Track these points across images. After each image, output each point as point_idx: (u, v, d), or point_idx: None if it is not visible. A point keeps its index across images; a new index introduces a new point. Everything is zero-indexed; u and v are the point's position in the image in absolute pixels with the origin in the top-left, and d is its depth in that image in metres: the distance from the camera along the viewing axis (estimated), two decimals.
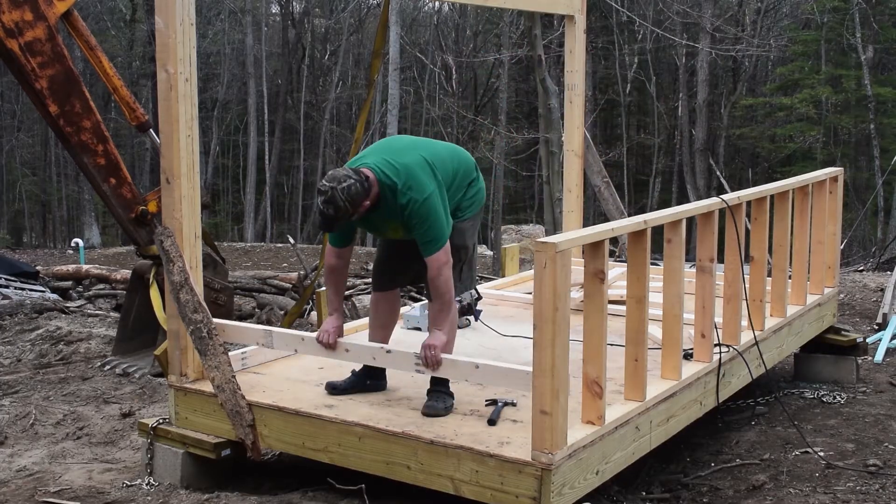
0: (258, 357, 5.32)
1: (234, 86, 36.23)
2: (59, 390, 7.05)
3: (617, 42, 31.38)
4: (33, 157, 34.57)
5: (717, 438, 5.63)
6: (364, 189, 4.23)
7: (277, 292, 11.02)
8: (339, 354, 4.69)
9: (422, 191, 4.28)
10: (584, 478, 4.09)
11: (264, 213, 33.08)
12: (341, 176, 4.19)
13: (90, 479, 5.19)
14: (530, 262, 12.60)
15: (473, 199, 4.73)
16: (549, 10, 7.68)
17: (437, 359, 4.32)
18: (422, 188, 4.28)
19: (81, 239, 18.89)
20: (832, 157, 26.66)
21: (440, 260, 4.35)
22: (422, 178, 4.31)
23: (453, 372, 4.39)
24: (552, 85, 14.28)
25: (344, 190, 4.16)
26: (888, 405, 6.13)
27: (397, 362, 4.56)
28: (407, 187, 4.28)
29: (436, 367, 4.33)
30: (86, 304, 10.80)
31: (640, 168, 34.61)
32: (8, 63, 6.65)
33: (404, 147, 4.53)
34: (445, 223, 4.37)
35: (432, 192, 4.31)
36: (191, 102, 4.76)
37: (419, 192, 4.28)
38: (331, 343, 4.62)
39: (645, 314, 4.44)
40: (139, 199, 7.19)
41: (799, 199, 6.18)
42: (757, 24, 29.53)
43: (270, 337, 4.91)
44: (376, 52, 6.65)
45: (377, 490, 4.41)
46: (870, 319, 8.80)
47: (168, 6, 4.65)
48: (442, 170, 4.47)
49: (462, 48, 33.03)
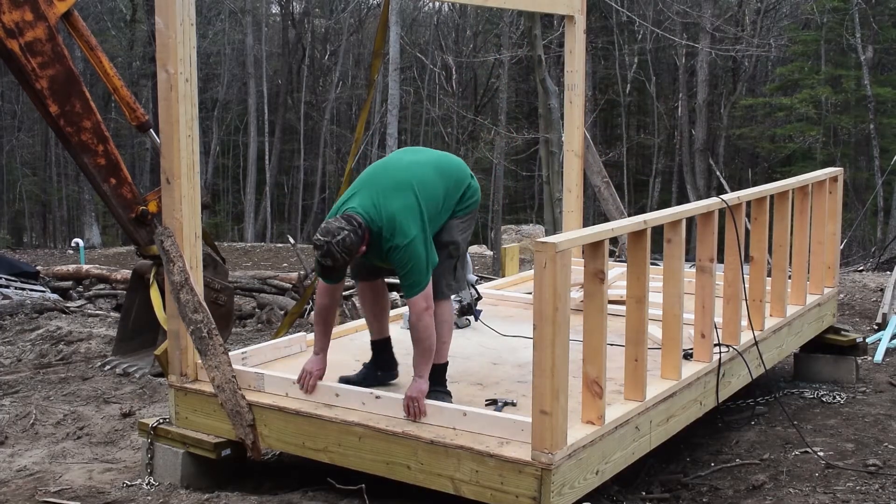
0: (258, 357, 5.32)
1: (234, 86, 36.25)
2: (60, 390, 7.05)
3: (617, 42, 31.39)
4: (33, 157, 34.58)
5: (716, 438, 5.63)
6: (359, 238, 4.31)
7: (277, 292, 11.03)
8: (329, 399, 4.60)
9: (404, 236, 4.35)
10: (584, 478, 4.10)
11: (264, 213, 33.09)
12: (335, 229, 4.26)
13: (90, 479, 5.19)
14: (530, 262, 12.61)
15: (468, 201, 4.75)
16: (549, 10, 7.68)
17: (420, 409, 4.34)
18: (404, 234, 4.35)
19: (82, 239, 18.90)
20: (832, 157, 26.67)
21: (420, 305, 4.38)
22: (405, 223, 4.37)
23: (440, 419, 4.31)
24: (552, 85, 14.29)
25: (339, 243, 4.24)
26: (888, 405, 6.13)
27: (388, 407, 4.45)
28: (390, 233, 4.36)
29: (420, 417, 4.35)
30: (86, 304, 10.81)
31: (640, 168, 34.63)
32: (8, 63, 6.65)
33: (395, 185, 4.49)
34: (427, 268, 4.41)
35: (415, 237, 4.36)
36: (191, 102, 4.76)
37: (402, 238, 4.35)
38: (311, 387, 4.63)
39: (645, 314, 4.44)
40: (139, 199, 7.20)
41: (799, 199, 6.18)
42: (757, 24, 29.52)
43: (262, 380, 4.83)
44: (376, 52, 6.65)
45: (377, 490, 4.41)
46: (869, 319, 8.80)
47: (168, 6, 4.65)
48: (429, 202, 4.50)
49: (462, 48, 33.06)
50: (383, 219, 4.37)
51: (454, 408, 4.37)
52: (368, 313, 4.96)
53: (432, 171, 4.62)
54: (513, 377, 5.08)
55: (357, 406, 4.53)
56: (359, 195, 4.48)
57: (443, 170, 4.68)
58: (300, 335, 5.72)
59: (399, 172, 4.57)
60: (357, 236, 4.29)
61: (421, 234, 4.39)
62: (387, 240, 4.36)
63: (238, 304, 10.29)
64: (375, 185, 4.51)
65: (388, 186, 4.48)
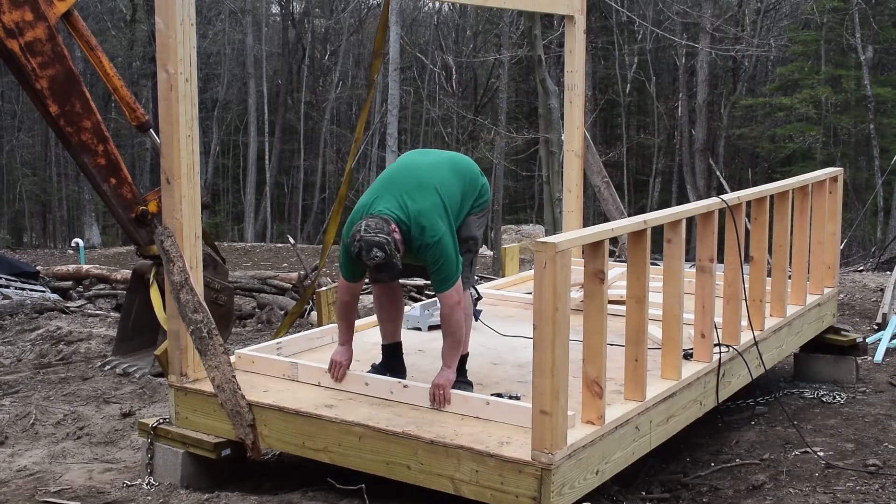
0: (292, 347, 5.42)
1: (234, 86, 36.24)
2: (60, 390, 7.05)
3: (617, 42, 31.39)
4: (33, 157, 34.57)
5: (716, 438, 5.64)
6: (400, 238, 4.46)
7: (277, 292, 11.02)
8: (359, 388, 4.77)
9: (434, 233, 4.50)
10: (583, 478, 4.10)
11: (264, 213, 33.09)
12: (386, 230, 4.38)
13: (90, 479, 5.19)
14: (530, 262, 12.61)
15: (483, 198, 4.93)
16: (549, 11, 7.68)
17: (446, 397, 4.51)
18: (434, 231, 4.50)
19: (81, 239, 18.90)
20: (832, 157, 26.67)
21: (452, 299, 4.55)
22: (433, 222, 4.52)
23: (465, 408, 4.46)
24: (552, 85, 14.28)
25: (394, 242, 4.38)
26: (888, 405, 6.13)
27: (415, 397, 4.60)
28: (419, 232, 4.50)
29: (445, 405, 4.51)
30: (86, 304, 10.80)
31: (640, 168, 34.62)
32: (8, 63, 6.65)
33: (418, 185, 4.61)
34: (457, 263, 4.57)
35: (444, 234, 4.52)
36: (191, 102, 4.76)
37: (431, 236, 4.49)
38: (341, 376, 4.82)
39: (645, 314, 4.44)
40: (139, 199, 7.20)
41: (799, 199, 6.18)
42: (757, 25, 29.51)
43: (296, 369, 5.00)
44: (376, 52, 6.65)
45: (377, 490, 4.41)
46: (869, 319, 8.80)
47: (168, 6, 4.65)
48: (451, 201, 4.67)
49: (462, 48, 33.04)
50: (411, 219, 4.50)
51: (478, 397, 4.51)
52: (384, 316, 5.02)
53: (449, 172, 4.77)
54: (513, 377, 5.09)
55: (385, 395, 4.67)
56: (383, 198, 4.58)
57: (458, 170, 4.83)
58: (332, 326, 5.79)
59: (421, 172, 4.69)
60: (397, 239, 4.44)
61: (448, 231, 4.55)
62: (416, 238, 4.50)
63: (238, 304, 10.29)
64: (399, 187, 4.62)
65: (412, 187, 4.60)
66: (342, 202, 6.93)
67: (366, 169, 32.81)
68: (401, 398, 4.63)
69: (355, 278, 4.76)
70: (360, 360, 5.16)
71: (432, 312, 6.00)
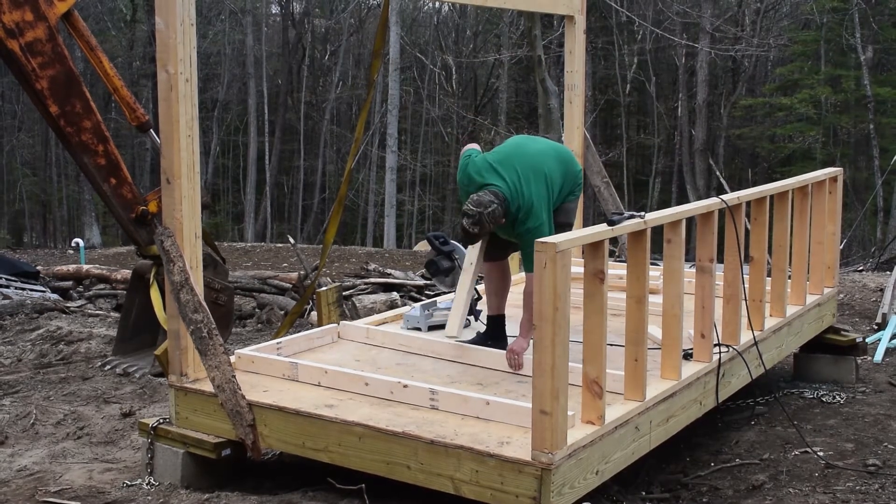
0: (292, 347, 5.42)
1: (234, 86, 36.24)
2: (60, 390, 7.05)
3: (617, 42, 31.37)
4: (34, 157, 34.56)
5: (716, 438, 5.64)
6: (502, 211, 4.91)
7: (278, 292, 11.02)
8: (359, 388, 4.80)
9: (536, 220, 4.96)
10: (583, 478, 4.10)
11: (264, 213, 33.10)
12: (486, 202, 4.85)
13: (90, 479, 5.19)
14: None
15: (579, 187, 5.41)
16: (549, 11, 7.68)
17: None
18: (536, 217, 4.96)
19: (82, 239, 18.89)
20: (832, 157, 26.66)
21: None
22: (538, 209, 4.97)
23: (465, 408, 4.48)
24: (552, 85, 14.29)
25: (489, 214, 4.83)
26: (887, 405, 6.14)
27: (415, 397, 4.63)
28: (525, 215, 4.97)
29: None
30: (86, 304, 10.80)
31: (640, 168, 34.61)
32: (8, 63, 6.65)
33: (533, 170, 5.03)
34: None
35: (544, 222, 4.98)
36: (191, 103, 4.76)
37: (534, 221, 4.96)
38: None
39: (645, 314, 4.44)
40: (139, 199, 7.19)
41: (798, 199, 6.18)
42: (756, 25, 29.51)
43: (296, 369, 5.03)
44: (376, 52, 6.65)
45: (377, 490, 4.41)
46: (869, 319, 8.80)
47: (168, 6, 4.65)
48: (555, 190, 5.11)
49: (462, 48, 33.07)
50: (521, 200, 4.95)
51: (478, 397, 4.55)
52: (492, 290, 5.53)
53: (555, 162, 5.17)
54: (513, 377, 5.08)
55: (386, 395, 4.71)
56: (500, 174, 4.99)
57: (563, 160, 5.25)
58: (332, 326, 5.77)
59: (535, 158, 5.11)
60: (501, 210, 4.88)
61: (548, 219, 5.01)
62: (520, 221, 4.96)
63: (238, 304, 10.29)
64: (516, 167, 5.02)
65: (528, 170, 5.02)
66: (342, 202, 6.92)
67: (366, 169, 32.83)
68: (401, 398, 4.64)
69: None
70: (361, 359, 5.17)
71: (432, 312, 6.01)
